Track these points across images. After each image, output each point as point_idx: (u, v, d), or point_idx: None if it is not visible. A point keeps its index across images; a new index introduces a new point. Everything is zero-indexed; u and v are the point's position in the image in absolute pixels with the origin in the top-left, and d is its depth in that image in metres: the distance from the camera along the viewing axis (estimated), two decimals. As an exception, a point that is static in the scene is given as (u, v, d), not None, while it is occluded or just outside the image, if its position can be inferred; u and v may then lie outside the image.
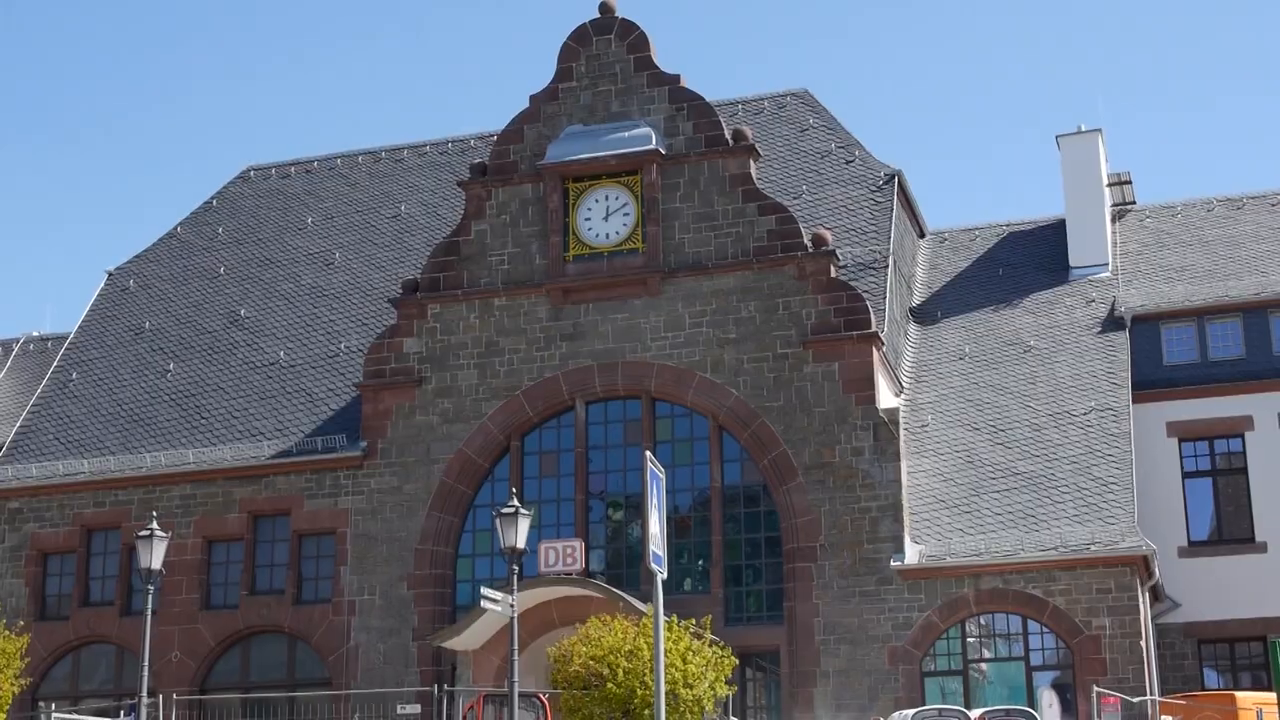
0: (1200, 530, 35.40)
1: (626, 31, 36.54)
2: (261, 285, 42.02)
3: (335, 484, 35.58)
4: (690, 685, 26.33)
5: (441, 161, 44.42)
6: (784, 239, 34.18)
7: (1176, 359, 36.43)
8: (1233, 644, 34.44)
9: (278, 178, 46.21)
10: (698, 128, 35.43)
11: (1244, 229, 39.46)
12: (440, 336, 35.76)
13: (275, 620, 35.35)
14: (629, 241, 35.12)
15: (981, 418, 34.71)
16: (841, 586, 31.88)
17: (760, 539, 33.39)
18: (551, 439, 34.98)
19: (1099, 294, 37.82)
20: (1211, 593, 34.11)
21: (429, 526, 34.60)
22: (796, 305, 33.72)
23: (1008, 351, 36.61)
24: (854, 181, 38.73)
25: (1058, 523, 31.59)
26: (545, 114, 36.50)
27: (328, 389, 37.92)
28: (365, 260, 41.77)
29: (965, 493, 32.90)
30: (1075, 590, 30.79)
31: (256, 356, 39.63)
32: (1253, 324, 36.15)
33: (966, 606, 31.38)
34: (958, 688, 31.21)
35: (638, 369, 34.36)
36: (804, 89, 42.36)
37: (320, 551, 35.59)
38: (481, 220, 36.23)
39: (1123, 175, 41.43)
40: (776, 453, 33.04)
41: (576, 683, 26.58)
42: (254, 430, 37.30)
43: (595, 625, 27.47)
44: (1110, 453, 32.87)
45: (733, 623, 32.49)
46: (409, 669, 33.67)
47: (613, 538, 34.55)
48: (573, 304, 35.05)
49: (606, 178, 35.50)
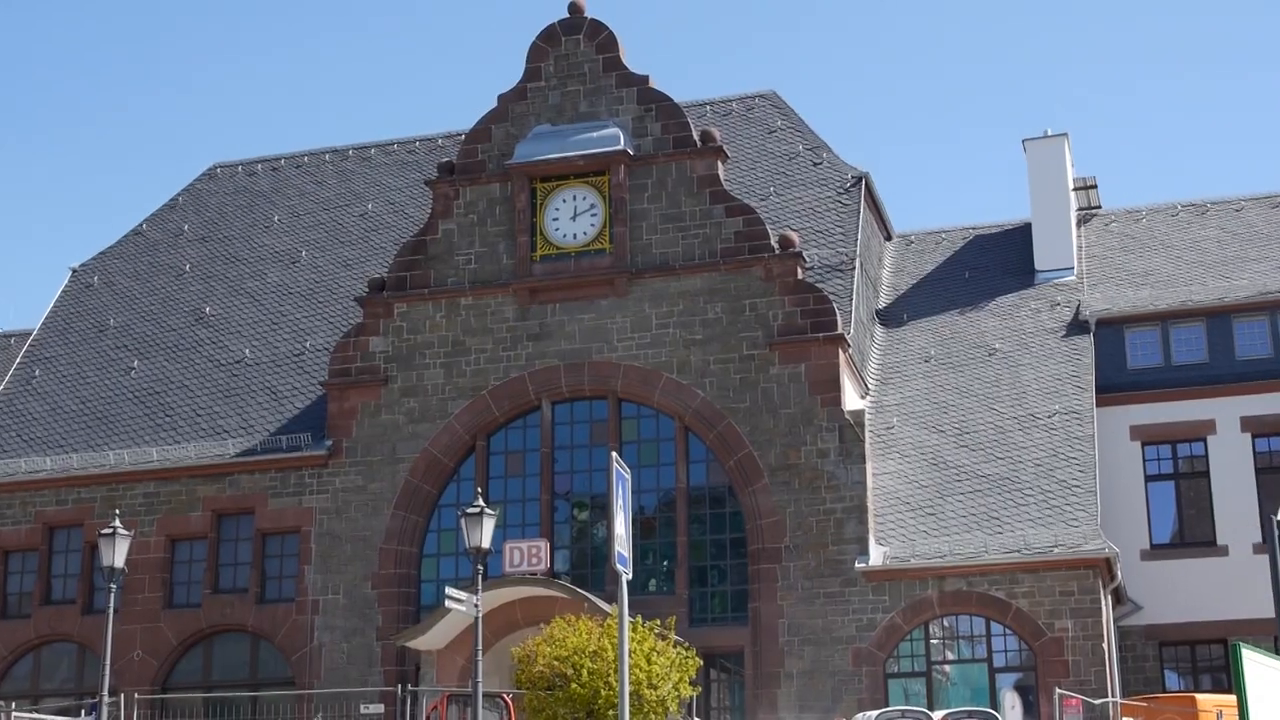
0: (1162, 533, 35.56)
1: (595, 32, 36.53)
2: (227, 283, 41.87)
3: (300, 483, 35.46)
4: (654, 686, 26.36)
5: (409, 160, 44.33)
6: (751, 240, 34.23)
7: (1140, 363, 36.60)
8: (1194, 646, 34.62)
9: (244, 175, 46.05)
10: (666, 129, 35.45)
11: (1208, 234, 39.68)
12: (406, 335, 35.68)
13: (238, 619, 35.20)
14: (596, 242, 35.11)
15: (946, 420, 34.83)
16: (806, 588, 31.94)
17: (725, 540, 33.42)
18: (517, 439, 34.95)
19: (1064, 298, 37.98)
20: (1173, 595, 34.27)
21: (394, 526, 34.52)
22: (763, 307, 33.76)
23: (973, 354, 36.74)
24: (821, 183, 38.81)
25: (1021, 525, 31.72)
26: (513, 113, 36.47)
27: (293, 387, 37.81)
28: (332, 258, 41.66)
29: (930, 495, 33.00)
30: (1038, 592, 30.92)
31: (221, 354, 39.47)
32: (1216, 329, 36.34)
33: (930, 608, 31.48)
34: (921, 689, 31.30)
35: (604, 369, 34.35)
36: (772, 91, 42.46)
37: (284, 550, 35.46)
38: (449, 219, 36.18)
39: (1088, 180, 41.60)
40: (742, 454, 33.08)
41: (540, 683, 26.58)
42: (218, 428, 37.15)
43: (560, 625, 27.47)
44: (1074, 456, 33.01)
45: (697, 623, 32.51)
46: (372, 669, 33.59)
47: (578, 538, 34.54)
48: (540, 304, 35.02)
49: (574, 178, 35.49)
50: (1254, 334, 36.14)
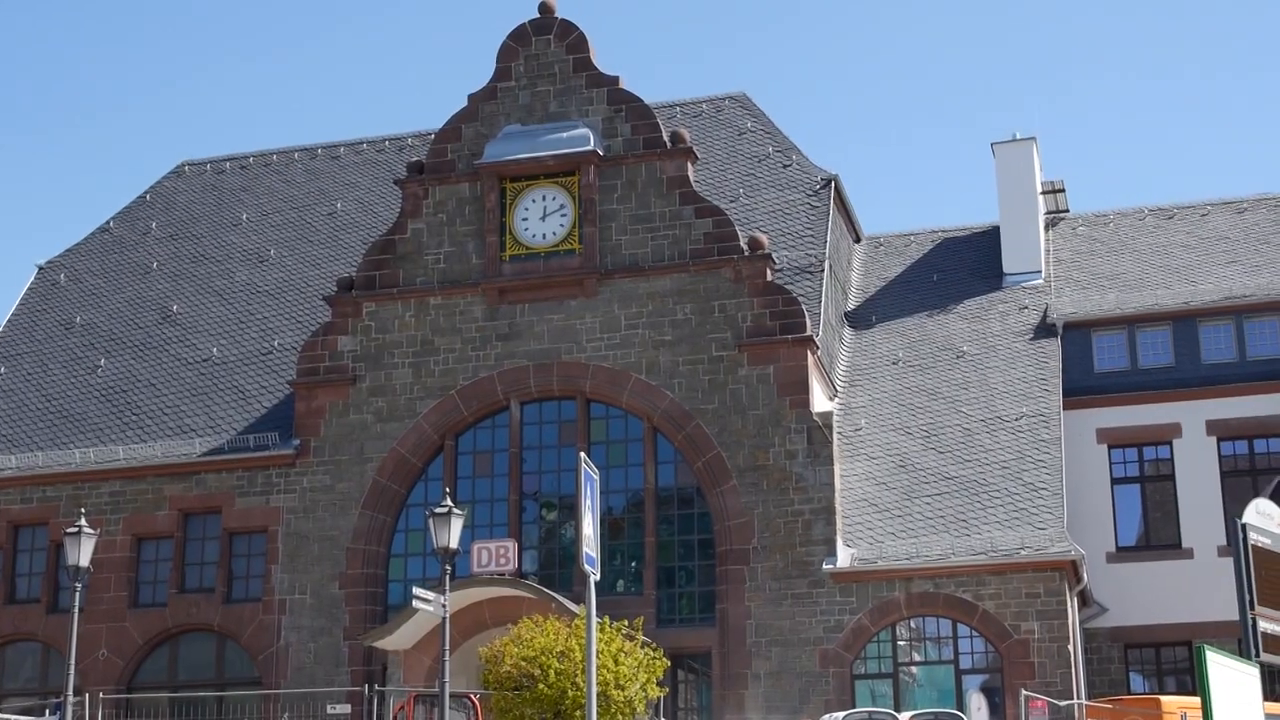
0: (1128, 536, 35.73)
1: (566, 32, 36.53)
2: (195, 281, 41.73)
3: (267, 482, 35.36)
4: (622, 686, 26.38)
5: (378, 159, 44.25)
6: (720, 242, 34.27)
7: (1107, 366, 36.77)
8: (1159, 649, 34.79)
9: (213, 173, 45.90)
10: (636, 129, 35.47)
11: (1174, 239, 39.89)
12: (375, 335, 35.61)
13: (204, 619, 35.07)
14: (566, 242, 35.11)
15: (914, 422, 34.93)
16: (773, 589, 31.99)
17: (693, 541, 33.45)
18: (486, 439, 34.91)
19: (1032, 301, 38.13)
20: (1138, 598, 34.44)
21: (361, 525, 34.45)
22: (732, 308, 33.81)
23: (941, 357, 36.86)
24: (791, 185, 38.88)
25: (988, 527, 31.84)
26: (483, 113, 36.44)
27: (260, 386, 37.69)
28: (300, 257, 41.56)
29: (897, 497, 33.09)
30: (1005, 594, 31.04)
31: (189, 353, 39.33)
32: (1182, 333, 36.54)
33: (897, 610, 31.56)
34: (888, 690, 31.39)
35: (573, 370, 34.35)
36: (742, 92, 42.52)
37: (251, 550, 35.35)
38: (418, 219, 36.12)
39: (1056, 184, 41.77)
40: (710, 455, 33.12)
41: (508, 683, 26.57)
42: (185, 427, 37.01)
43: (527, 626, 27.47)
44: (1041, 458, 33.15)
45: (665, 624, 32.54)
46: (339, 669, 33.51)
47: (546, 538, 34.52)
48: (509, 304, 35.00)
49: (544, 178, 35.48)
50: (1219, 338, 36.36)
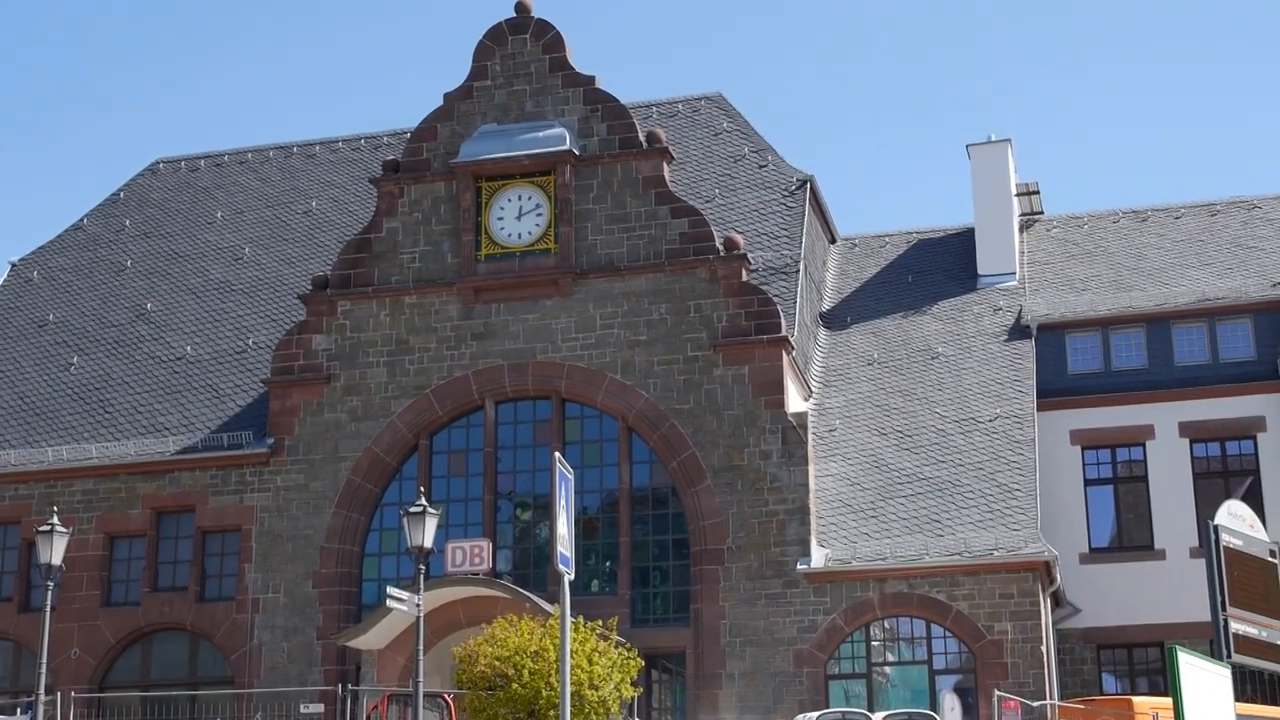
0: (1101, 537, 35.86)
1: (542, 31, 36.51)
2: (169, 279, 41.60)
3: (241, 481, 35.24)
4: (596, 686, 26.38)
5: (354, 158, 44.17)
6: (696, 242, 34.29)
7: (1081, 368, 36.89)
8: (1131, 649, 34.94)
9: (187, 171, 45.75)
10: (612, 129, 35.46)
11: (1148, 241, 40.04)
12: (350, 334, 35.54)
13: (177, 618, 34.96)
14: (541, 242, 35.09)
15: (889, 423, 35.00)
16: (748, 589, 32.02)
17: (668, 541, 33.46)
18: (460, 438, 34.88)
19: (1006, 302, 38.24)
20: (1111, 599, 34.58)
21: (335, 525, 34.38)
22: (707, 308, 33.83)
23: (916, 358, 36.94)
24: (766, 186, 38.93)
25: (962, 528, 31.92)
26: (459, 112, 36.40)
27: (235, 385, 37.59)
28: (275, 256, 41.46)
29: (872, 497, 33.14)
30: (978, 595, 31.11)
31: (162, 351, 39.21)
32: (1155, 335, 36.68)
33: (871, 610, 31.62)
34: (861, 690, 31.44)
35: (548, 369, 34.33)
36: (718, 93, 42.55)
37: (224, 549, 35.23)
38: (393, 218, 36.06)
39: (1031, 185, 41.90)
40: (685, 455, 33.13)
41: (482, 683, 26.56)
42: (159, 425, 36.89)
43: (501, 625, 27.45)
44: (1015, 459, 33.24)
45: (639, 624, 32.54)
46: (313, 668, 33.42)
47: (520, 538, 34.52)
48: (484, 303, 34.97)
49: (520, 177, 35.45)
50: (1192, 340, 36.51)
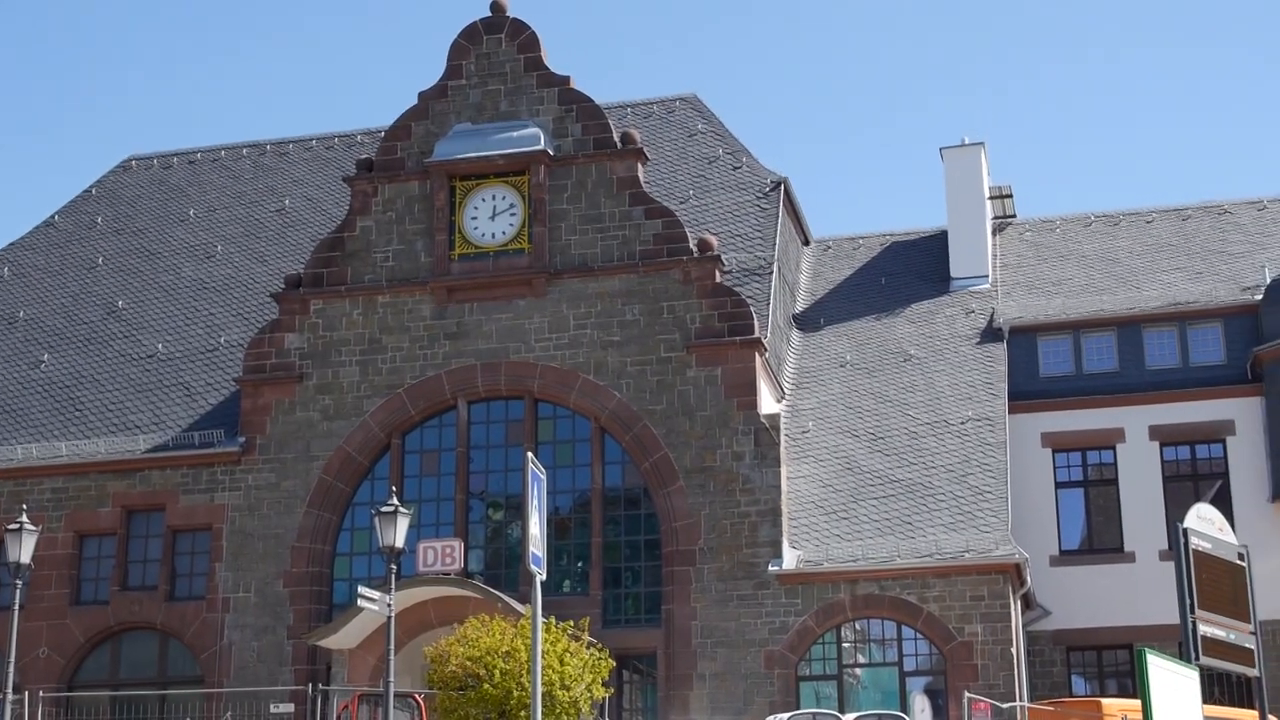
0: (1071, 539, 36.00)
1: (517, 31, 36.48)
2: (141, 277, 41.44)
3: (212, 479, 35.13)
4: (567, 687, 26.36)
5: (327, 156, 44.07)
6: (670, 243, 34.30)
7: (1052, 371, 37.02)
8: (1100, 652, 35.08)
9: (159, 168, 45.58)
10: (586, 130, 35.46)
11: (1120, 245, 40.20)
12: (322, 333, 35.46)
13: (147, 617, 34.82)
14: (515, 241, 35.06)
15: (861, 425, 35.07)
16: (719, 590, 32.04)
17: (640, 542, 33.47)
18: (433, 438, 34.83)
19: (978, 305, 38.35)
20: (1081, 601, 34.70)
21: (307, 524, 34.29)
22: (681, 309, 33.85)
23: (888, 360, 37.01)
24: (740, 187, 38.97)
25: (933, 530, 31.98)
26: (434, 111, 36.35)
27: (206, 383, 37.47)
28: (247, 254, 41.33)
29: (844, 499, 33.20)
30: (949, 597, 31.19)
31: (134, 349, 39.06)
32: (1126, 338, 36.83)
33: (842, 612, 31.67)
34: (832, 692, 31.49)
35: (521, 369, 34.31)
36: (693, 94, 42.58)
37: (195, 548, 35.11)
38: (367, 217, 36.00)
39: (1004, 189, 42.03)
40: (658, 456, 33.14)
41: (453, 683, 26.52)
42: (129, 424, 36.74)
43: (473, 626, 27.41)
44: (986, 462, 33.33)
45: (611, 625, 32.54)
46: (283, 668, 33.33)
47: (492, 538, 34.48)
48: (457, 303, 34.92)
49: (494, 177, 35.42)
50: (1163, 344, 36.68)
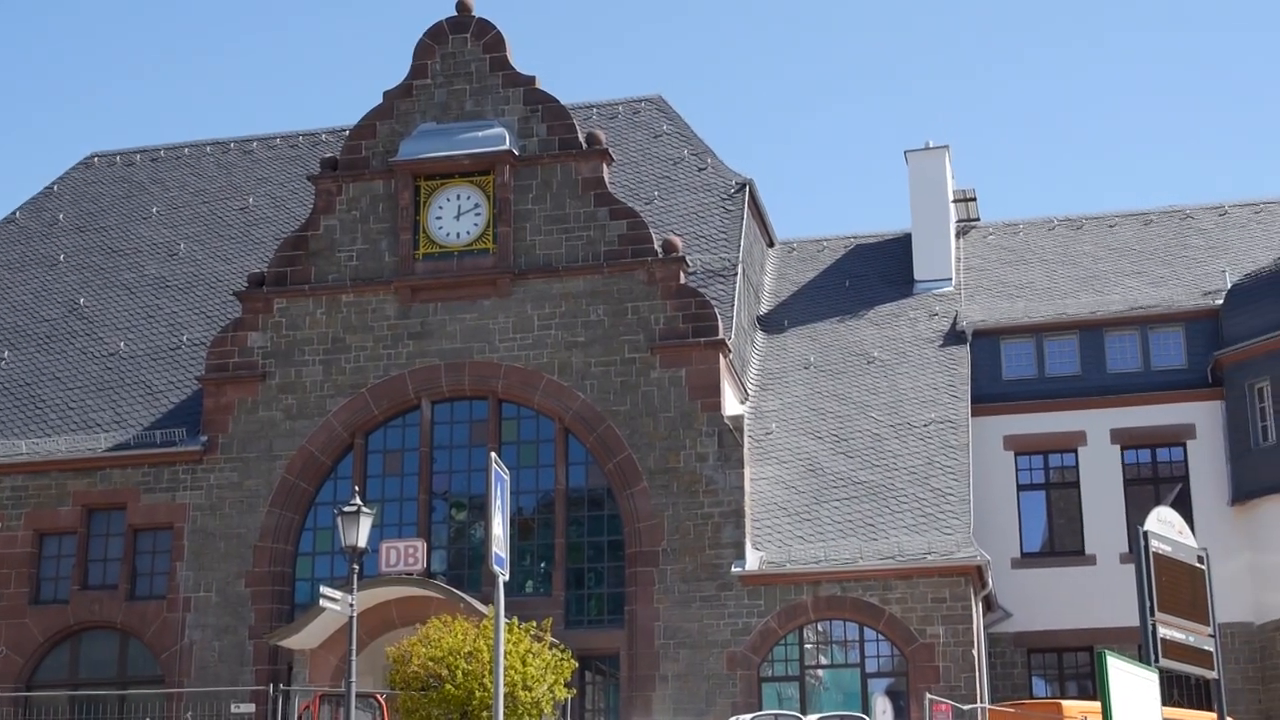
0: (1033, 542, 36.15)
1: (483, 31, 36.44)
2: (102, 274, 41.22)
3: (174, 478, 34.96)
4: (529, 688, 26.35)
5: (291, 155, 43.92)
6: (634, 244, 34.32)
7: (1015, 374, 37.15)
8: (1061, 654, 35.23)
9: (122, 165, 45.35)
10: (552, 130, 35.44)
11: (1083, 249, 40.38)
12: (286, 331, 35.34)
13: (107, 616, 34.64)
14: (480, 241, 35.02)
15: (824, 427, 35.14)
16: (682, 591, 32.07)
17: (603, 542, 33.47)
18: (396, 438, 34.75)
19: (942, 308, 38.46)
20: (1042, 603, 34.83)
21: (269, 523, 34.17)
22: (645, 310, 33.86)
23: (852, 362, 37.10)
24: (705, 189, 39.02)
25: (896, 532, 32.07)
26: (399, 110, 36.27)
27: (168, 381, 37.29)
28: (211, 252, 41.16)
29: (807, 501, 33.26)
30: (911, 599, 31.29)
31: (95, 347, 38.85)
32: (1088, 342, 36.99)
33: (805, 613, 31.73)
34: (794, 693, 31.55)
35: (485, 369, 34.27)
36: (658, 95, 42.62)
37: (156, 547, 34.94)
38: (331, 215, 35.89)
39: (968, 192, 42.17)
40: (621, 457, 33.15)
41: (415, 683, 26.48)
42: (90, 422, 36.55)
43: (435, 626, 27.37)
44: (948, 464, 33.44)
45: (573, 625, 32.53)
46: (244, 668, 33.20)
47: (455, 538, 34.44)
48: (421, 302, 34.86)
49: (459, 177, 35.37)
50: (1125, 348, 36.86)
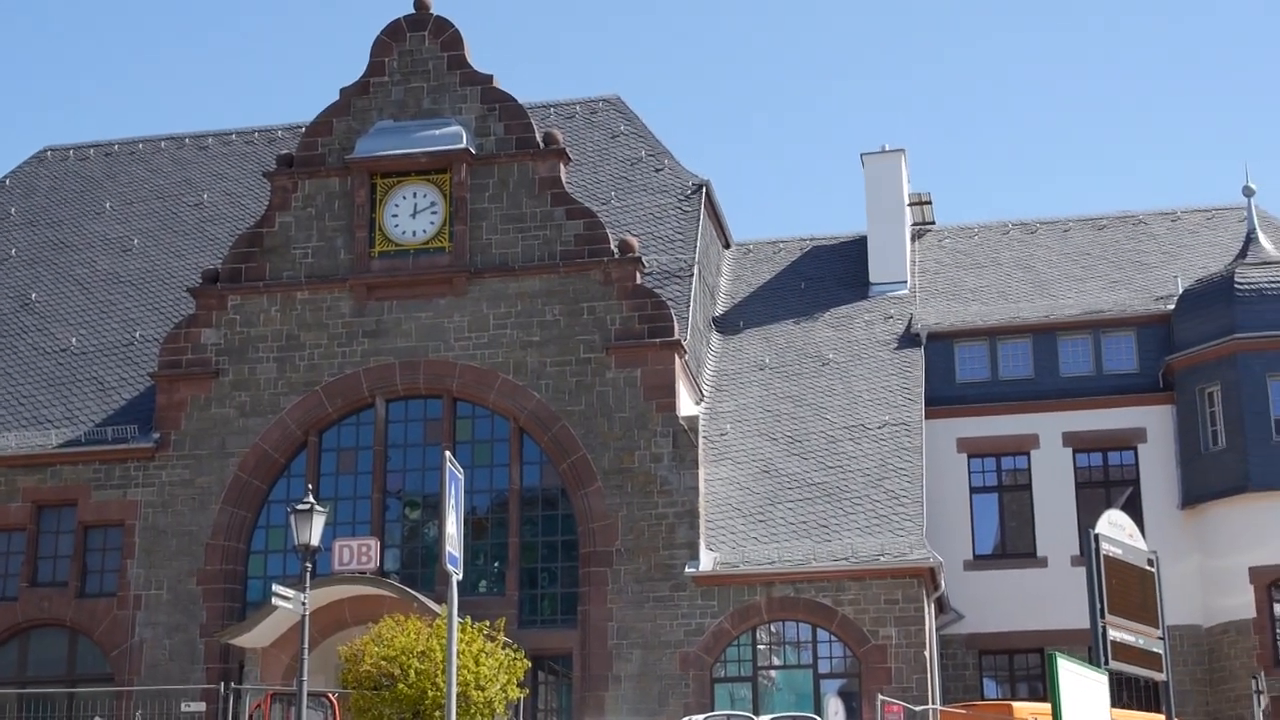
0: (985, 544, 36.35)
1: (440, 29, 36.36)
2: (55, 269, 40.93)
3: (125, 475, 34.75)
4: (482, 687, 26.32)
5: (247, 151, 43.72)
6: (591, 244, 34.32)
7: (968, 377, 37.34)
8: (1012, 655, 35.44)
9: (76, 159, 45.05)
10: (509, 129, 35.40)
11: (1036, 253, 40.61)
12: (240, 328, 35.18)
13: (56, 613, 34.39)
14: (436, 240, 34.95)
15: (779, 428, 35.21)
16: (636, 591, 32.10)
17: (557, 542, 33.46)
18: (350, 436, 34.65)
19: (897, 311, 38.61)
20: (994, 605, 35.03)
21: (221, 521, 34.01)
22: (601, 310, 33.87)
23: (807, 364, 37.21)
24: (662, 190, 39.05)
25: (849, 533, 32.17)
26: (355, 108, 36.16)
27: (120, 378, 37.07)
28: (164, 248, 40.93)
29: (761, 502, 33.33)
30: (864, 600, 31.40)
31: (46, 342, 38.58)
32: (1041, 345, 37.21)
33: (758, 614, 31.80)
34: (747, 694, 31.61)
35: (440, 368, 34.20)
36: (616, 95, 42.63)
37: (107, 544, 34.72)
38: (286, 212, 35.75)
39: (923, 196, 42.33)
40: (576, 457, 33.14)
41: (367, 683, 26.40)
42: (41, 418, 36.29)
43: (388, 625, 27.30)
44: (902, 466, 33.57)
45: (527, 625, 32.51)
46: (195, 666, 33.04)
47: (409, 537, 34.35)
48: (377, 300, 34.77)
49: (416, 175, 35.29)
50: (1077, 352, 37.11)
